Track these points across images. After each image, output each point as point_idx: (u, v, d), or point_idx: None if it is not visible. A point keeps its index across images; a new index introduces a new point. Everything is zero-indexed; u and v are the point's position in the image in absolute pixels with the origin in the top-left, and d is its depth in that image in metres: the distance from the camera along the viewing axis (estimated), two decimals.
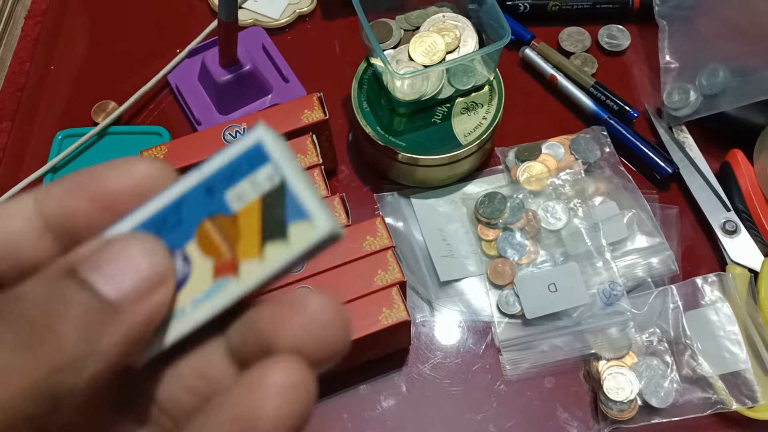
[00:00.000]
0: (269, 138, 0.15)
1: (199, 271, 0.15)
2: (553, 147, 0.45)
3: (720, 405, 0.38)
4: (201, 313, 0.15)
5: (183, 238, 0.15)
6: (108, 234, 0.15)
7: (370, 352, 0.39)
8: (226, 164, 0.15)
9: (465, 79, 0.43)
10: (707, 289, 0.41)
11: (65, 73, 0.51)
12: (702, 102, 0.45)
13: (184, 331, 0.15)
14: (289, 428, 0.13)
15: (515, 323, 0.40)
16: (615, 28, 0.51)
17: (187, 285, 0.15)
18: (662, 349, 0.39)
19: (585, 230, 0.42)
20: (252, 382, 0.14)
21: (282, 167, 0.15)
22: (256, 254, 0.15)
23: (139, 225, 0.15)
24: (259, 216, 0.15)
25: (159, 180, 0.16)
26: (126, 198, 0.16)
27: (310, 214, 0.15)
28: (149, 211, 0.15)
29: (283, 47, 0.49)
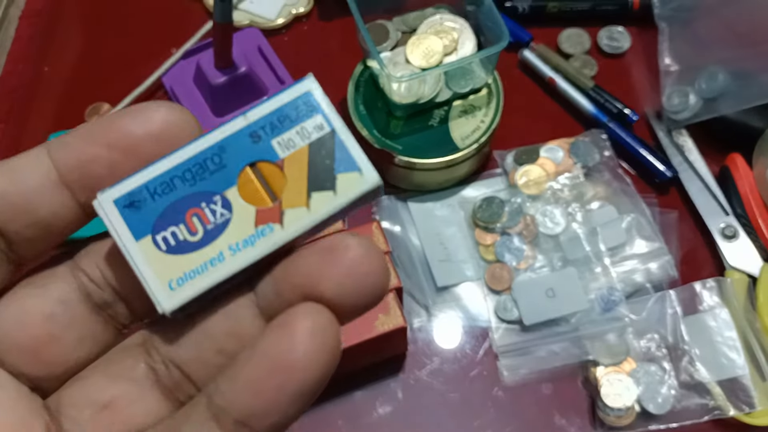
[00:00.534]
0: (318, 90, 0.15)
1: (240, 218, 0.15)
2: (552, 150, 0.45)
3: (717, 411, 0.38)
4: (240, 260, 0.15)
5: (224, 183, 0.15)
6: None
7: (366, 359, 0.38)
8: (273, 111, 0.15)
9: (463, 82, 0.42)
10: (706, 294, 0.41)
11: (59, 75, 0.50)
12: (702, 105, 0.45)
13: (221, 277, 0.15)
14: (320, 370, 0.14)
15: (513, 329, 0.40)
16: (615, 30, 0.50)
17: (227, 230, 0.15)
18: (660, 355, 0.39)
19: (583, 235, 0.42)
20: (281, 327, 0.14)
21: (331, 118, 0.15)
22: (302, 203, 0.15)
23: (177, 166, 0.15)
24: (307, 164, 0.15)
25: (180, 127, 0.15)
26: (148, 143, 0.15)
27: (360, 165, 0.15)
28: (188, 154, 0.15)
29: (279, 48, 0.49)
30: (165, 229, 0.15)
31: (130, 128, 0.15)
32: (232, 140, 0.15)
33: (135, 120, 0.15)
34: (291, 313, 0.14)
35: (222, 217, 0.15)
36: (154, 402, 0.16)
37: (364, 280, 0.14)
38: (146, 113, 0.15)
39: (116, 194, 0.15)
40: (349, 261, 0.14)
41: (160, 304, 0.15)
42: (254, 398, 0.14)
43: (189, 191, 0.15)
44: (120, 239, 0.15)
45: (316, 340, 0.14)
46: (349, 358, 0.35)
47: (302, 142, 0.15)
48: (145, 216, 0.15)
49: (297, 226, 0.15)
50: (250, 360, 0.14)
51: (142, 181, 0.15)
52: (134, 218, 0.15)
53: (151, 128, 0.15)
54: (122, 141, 0.15)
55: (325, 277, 0.14)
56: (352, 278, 0.14)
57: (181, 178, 0.15)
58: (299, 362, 0.13)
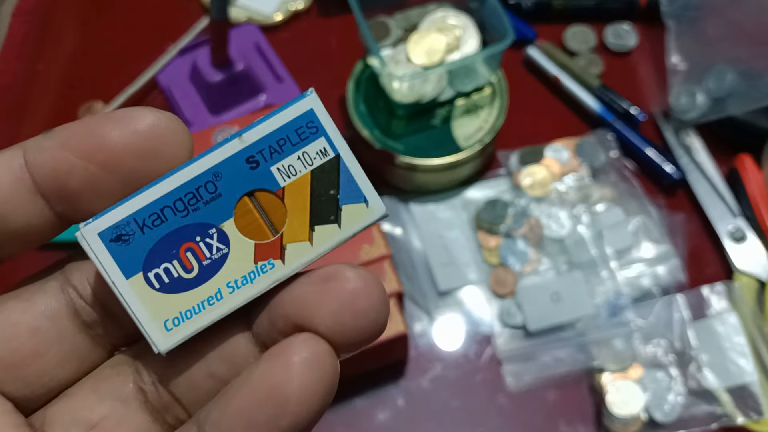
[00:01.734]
0: (321, 108, 0.14)
1: (238, 253, 0.14)
2: (557, 150, 0.44)
3: (726, 419, 0.37)
4: (238, 298, 0.14)
5: (220, 215, 0.14)
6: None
7: (366, 365, 0.37)
8: (272, 132, 0.14)
9: (466, 81, 0.41)
10: (714, 298, 0.40)
11: (52, 73, 0.49)
12: (710, 105, 0.44)
13: (219, 316, 0.14)
14: (316, 404, 0.13)
15: (517, 334, 0.39)
16: (621, 27, 0.49)
17: (225, 267, 0.14)
18: (667, 361, 0.38)
19: (589, 238, 0.41)
20: (277, 358, 0.13)
21: (336, 142, 0.14)
22: (305, 237, 0.14)
23: (168, 194, 0.13)
24: (309, 194, 0.14)
25: (169, 139, 0.14)
26: (131, 158, 0.13)
27: (367, 195, 0.14)
28: (179, 180, 0.14)
29: (278, 45, 0.47)
30: (158, 266, 0.14)
31: (111, 138, 0.13)
32: (228, 165, 0.14)
33: (116, 129, 0.13)
34: (287, 344, 0.13)
35: (219, 252, 0.14)
36: (142, 423, 0.15)
37: (363, 315, 0.13)
38: (130, 121, 0.13)
39: (101, 227, 0.14)
40: (348, 294, 0.13)
41: (155, 345, 0.14)
42: (245, 430, 0.13)
43: (182, 223, 0.14)
44: (109, 277, 0.14)
45: (312, 373, 0.13)
46: (349, 364, 0.34)
47: (304, 168, 0.14)
48: (134, 251, 0.14)
49: (299, 262, 0.14)
50: (243, 389, 0.13)
51: (129, 212, 0.14)
52: (123, 254, 0.14)
53: (135, 141, 0.13)
54: (101, 153, 0.13)
55: (321, 310, 0.13)
56: (350, 313, 0.13)
57: (172, 209, 0.14)
58: (294, 395, 0.13)
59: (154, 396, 0.15)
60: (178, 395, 0.15)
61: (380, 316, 0.14)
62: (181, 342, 0.14)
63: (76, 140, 0.13)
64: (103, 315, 0.15)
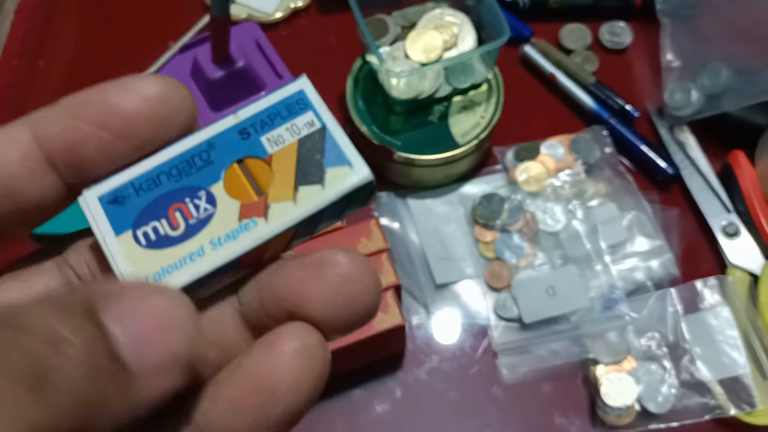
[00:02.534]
0: (310, 88, 0.15)
1: (224, 212, 0.14)
2: (553, 147, 0.44)
3: (718, 410, 0.37)
4: (221, 255, 0.14)
5: (210, 179, 0.15)
6: (125, 272, 0.14)
7: (364, 357, 0.38)
8: (264, 109, 0.15)
9: (463, 78, 0.42)
10: (707, 292, 0.40)
11: (55, 70, 0.50)
12: (704, 102, 0.44)
13: (200, 273, 0.14)
14: (306, 394, 0.13)
15: (512, 327, 0.40)
16: (616, 25, 0.50)
17: (210, 225, 0.14)
18: (661, 354, 0.39)
19: (584, 232, 0.41)
20: (268, 347, 0.13)
21: (322, 115, 0.15)
22: (289, 197, 0.14)
23: (165, 163, 0.14)
24: (295, 159, 0.15)
25: (177, 104, 0.14)
26: (143, 123, 0.14)
27: (350, 159, 0.15)
28: (176, 151, 0.15)
29: (277, 42, 0.48)
30: (146, 224, 0.14)
31: (122, 105, 0.14)
32: (221, 137, 0.15)
33: (127, 96, 0.14)
34: (277, 333, 0.13)
35: (205, 212, 0.14)
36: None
37: (355, 300, 0.13)
38: (139, 88, 0.14)
39: (102, 191, 0.15)
40: (339, 278, 0.13)
41: None
42: (235, 419, 0.13)
43: (174, 187, 0.15)
44: (100, 233, 0.14)
45: (302, 362, 0.13)
46: (347, 356, 0.35)
47: (291, 138, 0.15)
48: (127, 212, 0.14)
49: (282, 220, 0.14)
50: (233, 379, 0.13)
51: (128, 178, 0.15)
52: (116, 214, 0.14)
53: (146, 107, 0.14)
54: (114, 121, 0.14)
55: (313, 295, 0.13)
56: (341, 297, 0.13)
57: (167, 174, 0.15)
58: (284, 384, 0.13)
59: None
60: None
61: (372, 300, 0.14)
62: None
63: (87, 109, 0.14)
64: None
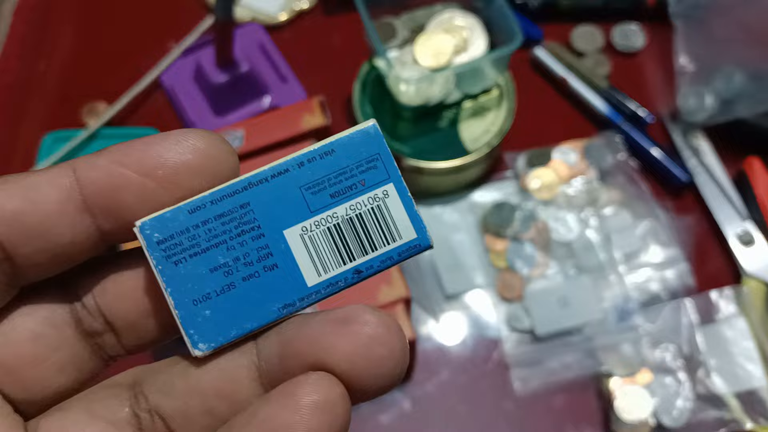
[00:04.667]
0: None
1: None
2: (565, 153, 0.43)
3: (734, 424, 0.37)
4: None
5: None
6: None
7: None
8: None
9: (473, 83, 0.41)
10: (722, 303, 0.40)
11: (54, 72, 0.49)
12: (718, 107, 0.44)
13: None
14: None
15: (524, 339, 0.39)
16: (629, 27, 0.49)
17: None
18: (675, 366, 0.38)
19: (597, 241, 0.40)
20: (286, 397, 0.13)
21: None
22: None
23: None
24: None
25: (220, 159, 0.14)
26: (186, 175, 0.14)
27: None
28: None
29: (282, 45, 0.47)
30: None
31: (168, 156, 0.14)
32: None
33: (173, 148, 0.14)
34: (297, 383, 0.13)
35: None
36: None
37: (380, 363, 0.13)
38: (185, 142, 0.14)
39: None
40: (366, 338, 0.13)
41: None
42: None
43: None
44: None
45: (323, 418, 0.12)
46: None
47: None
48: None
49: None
50: (246, 428, 0.13)
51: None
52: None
53: (190, 159, 0.14)
54: (158, 169, 0.14)
55: (338, 350, 0.13)
56: (367, 358, 0.13)
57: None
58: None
59: (149, 424, 0.14)
60: (173, 427, 0.14)
61: (398, 365, 0.13)
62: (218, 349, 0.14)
63: (133, 157, 0.14)
64: (105, 326, 0.15)
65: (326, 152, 0.14)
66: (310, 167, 0.14)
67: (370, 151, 0.14)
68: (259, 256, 0.14)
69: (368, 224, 0.14)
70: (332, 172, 0.14)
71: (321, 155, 0.14)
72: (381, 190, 0.14)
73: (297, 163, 0.14)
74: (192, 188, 0.14)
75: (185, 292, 0.14)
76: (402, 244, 0.14)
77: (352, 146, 0.14)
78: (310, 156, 0.14)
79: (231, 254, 0.14)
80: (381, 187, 0.14)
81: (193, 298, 0.14)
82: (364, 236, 0.14)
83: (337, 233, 0.14)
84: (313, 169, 0.14)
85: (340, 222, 0.14)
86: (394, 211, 0.14)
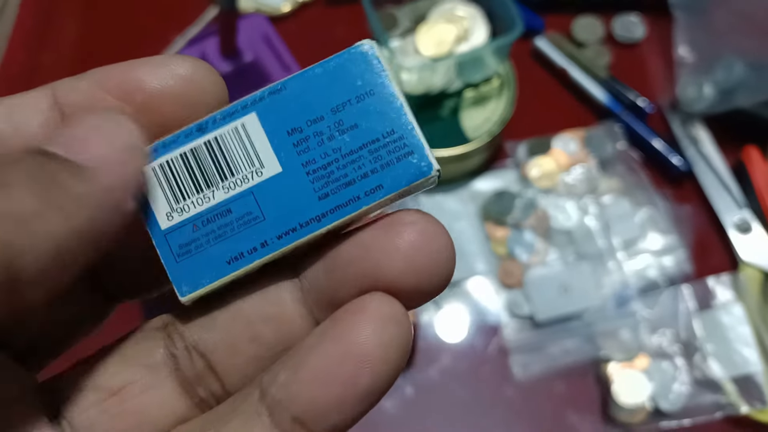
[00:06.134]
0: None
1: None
2: (565, 141, 0.44)
3: (730, 407, 0.37)
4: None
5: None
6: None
7: None
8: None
9: (474, 72, 0.41)
10: (719, 289, 0.40)
11: (60, 63, 0.49)
12: (717, 97, 0.44)
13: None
14: (394, 363, 0.12)
15: (524, 325, 0.40)
16: (629, 18, 0.49)
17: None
18: (673, 351, 0.39)
19: (596, 229, 0.41)
20: (357, 313, 0.12)
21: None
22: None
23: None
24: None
25: (205, 85, 0.13)
26: (168, 103, 0.13)
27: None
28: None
29: (286, 35, 0.47)
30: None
31: (150, 81, 0.13)
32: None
33: (155, 73, 0.13)
34: (363, 301, 0.12)
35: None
36: (171, 394, 0.14)
37: (433, 257, 0.13)
38: (169, 67, 0.13)
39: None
40: (417, 236, 0.13)
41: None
42: (321, 391, 0.12)
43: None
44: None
45: (393, 330, 0.12)
46: None
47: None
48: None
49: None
50: (319, 347, 0.12)
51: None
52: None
53: (173, 86, 0.13)
54: (139, 95, 0.13)
55: (390, 253, 0.12)
56: (421, 255, 0.13)
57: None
58: (376, 352, 0.12)
59: (187, 364, 0.14)
60: (214, 362, 0.14)
61: (450, 258, 0.13)
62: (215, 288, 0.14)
63: (113, 81, 0.13)
64: (105, 267, 0.15)
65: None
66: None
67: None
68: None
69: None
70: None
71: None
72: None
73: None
74: (173, 116, 0.13)
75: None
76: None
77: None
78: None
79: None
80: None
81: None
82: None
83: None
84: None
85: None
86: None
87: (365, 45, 0.14)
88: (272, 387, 0.13)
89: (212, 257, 0.13)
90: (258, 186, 0.14)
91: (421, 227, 0.13)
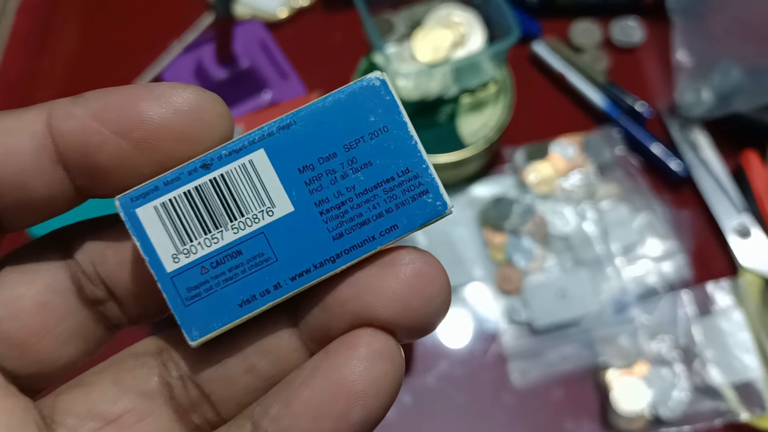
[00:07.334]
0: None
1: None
2: (563, 147, 0.44)
3: (730, 414, 0.37)
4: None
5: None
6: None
7: None
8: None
9: (471, 77, 0.41)
10: (718, 295, 0.40)
11: (58, 69, 0.49)
12: (715, 102, 0.44)
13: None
14: (386, 398, 0.12)
15: (523, 331, 0.39)
16: (627, 23, 0.49)
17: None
18: (672, 358, 0.38)
19: (595, 235, 0.41)
20: (350, 348, 0.12)
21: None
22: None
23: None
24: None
25: (211, 120, 0.13)
26: (169, 138, 0.12)
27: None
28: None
29: (282, 42, 0.47)
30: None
31: (149, 115, 0.12)
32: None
33: (156, 105, 0.12)
34: (355, 335, 0.13)
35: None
36: (167, 422, 0.14)
37: (428, 299, 0.13)
38: (171, 98, 0.12)
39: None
40: (413, 277, 0.13)
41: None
42: (312, 426, 0.12)
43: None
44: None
45: (385, 366, 0.12)
46: None
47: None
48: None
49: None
50: (312, 381, 0.12)
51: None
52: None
53: (175, 121, 0.12)
54: (137, 131, 0.12)
55: (385, 293, 0.13)
56: (415, 296, 0.13)
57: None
58: (368, 389, 0.12)
59: (181, 392, 0.14)
60: (209, 391, 0.14)
61: (445, 301, 0.13)
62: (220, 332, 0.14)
63: (111, 112, 0.13)
64: (107, 294, 0.14)
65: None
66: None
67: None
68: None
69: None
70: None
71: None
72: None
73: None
74: (173, 154, 0.13)
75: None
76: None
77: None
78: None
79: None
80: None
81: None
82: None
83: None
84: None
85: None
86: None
87: (375, 77, 0.13)
88: (264, 420, 0.13)
89: (223, 300, 0.13)
90: (269, 226, 0.13)
91: (418, 268, 0.13)
